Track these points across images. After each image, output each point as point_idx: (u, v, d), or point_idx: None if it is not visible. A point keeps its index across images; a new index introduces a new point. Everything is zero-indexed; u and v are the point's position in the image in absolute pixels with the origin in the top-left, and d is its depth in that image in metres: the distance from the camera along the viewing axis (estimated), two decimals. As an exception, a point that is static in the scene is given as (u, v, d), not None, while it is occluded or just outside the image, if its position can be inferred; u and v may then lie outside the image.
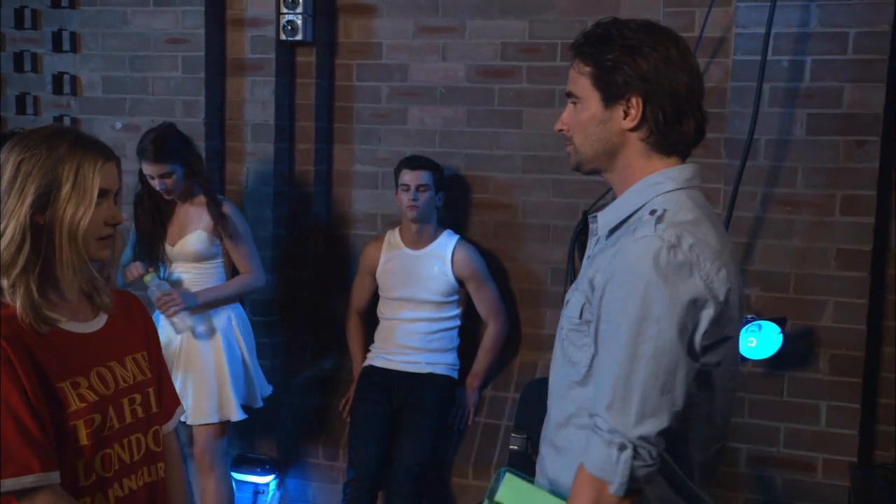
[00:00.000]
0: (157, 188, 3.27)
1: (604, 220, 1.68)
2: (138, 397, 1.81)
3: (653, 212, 1.57)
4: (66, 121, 3.98)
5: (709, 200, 1.67)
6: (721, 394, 1.62)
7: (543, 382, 1.84)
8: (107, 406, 1.73)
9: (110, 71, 3.91)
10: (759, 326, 3.09)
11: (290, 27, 3.78)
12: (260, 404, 3.50)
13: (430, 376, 3.61)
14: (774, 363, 3.20)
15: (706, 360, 1.55)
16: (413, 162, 3.63)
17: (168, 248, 3.38)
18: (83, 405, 1.68)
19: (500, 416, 3.72)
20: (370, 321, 3.83)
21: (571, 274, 3.56)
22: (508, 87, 3.78)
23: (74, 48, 3.93)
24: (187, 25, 3.78)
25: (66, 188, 1.67)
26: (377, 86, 3.94)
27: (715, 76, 3.37)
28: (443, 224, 3.76)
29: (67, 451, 1.66)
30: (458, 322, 3.73)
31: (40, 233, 1.66)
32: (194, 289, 3.34)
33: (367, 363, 3.73)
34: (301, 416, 3.90)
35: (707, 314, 1.51)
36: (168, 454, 1.90)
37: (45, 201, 1.66)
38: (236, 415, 3.35)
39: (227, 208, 3.38)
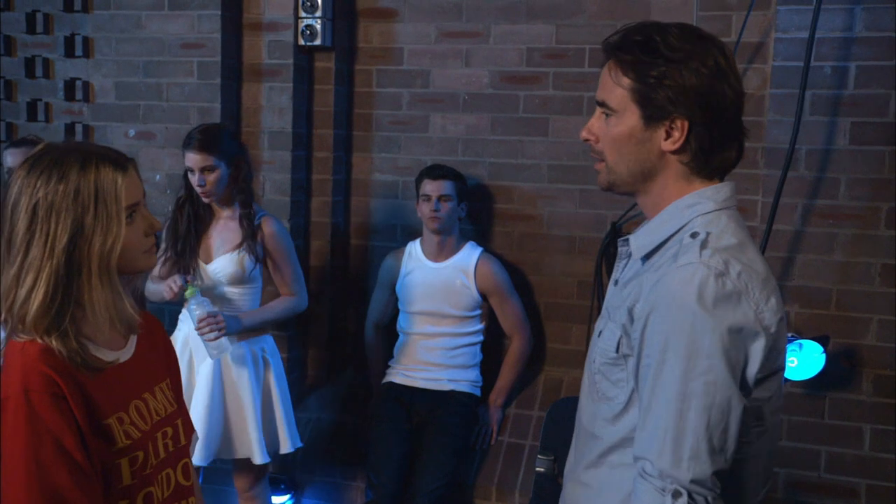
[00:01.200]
0: (196, 184, 2.98)
1: (637, 243, 1.54)
2: (170, 430, 1.68)
3: (694, 234, 1.44)
4: (79, 128, 3.87)
5: (746, 213, 1.55)
6: (772, 428, 1.49)
7: (570, 402, 1.73)
8: (147, 442, 1.61)
9: (123, 77, 3.80)
10: (800, 346, 2.94)
11: (308, 31, 3.66)
12: (285, 450, 3.19)
13: (451, 394, 3.47)
14: (815, 384, 3.06)
15: (758, 395, 1.41)
16: (435, 171, 3.49)
17: (201, 265, 3.07)
18: (128, 442, 1.56)
19: (525, 435, 3.58)
20: (389, 335, 3.70)
21: (599, 288, 3.43)
22: (534, 93, 3.65)
23: (87, 53, 3.83)
24: (203, 30, 3.67)
25: (88, 220, 1.52)
26: (398, 92, 3.82)
27: (753, 83, 3.23)
28: (465, 236, 3.63)
29: (111, 492, 1.53)
30: (481, 338, 3.59)
31: (71, 277, 1.52)
32: (227, 312, 3.02)
33: (386, 379, 3.59)
34: (318, 433, 3.77)
35: (758, 346, 1.38)
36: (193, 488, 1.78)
37: (73, 243, 1.51)
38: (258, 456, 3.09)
39: (272, 226, 3.12)
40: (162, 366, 1.75)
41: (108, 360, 1.57)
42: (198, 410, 3.00)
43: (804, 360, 2.95)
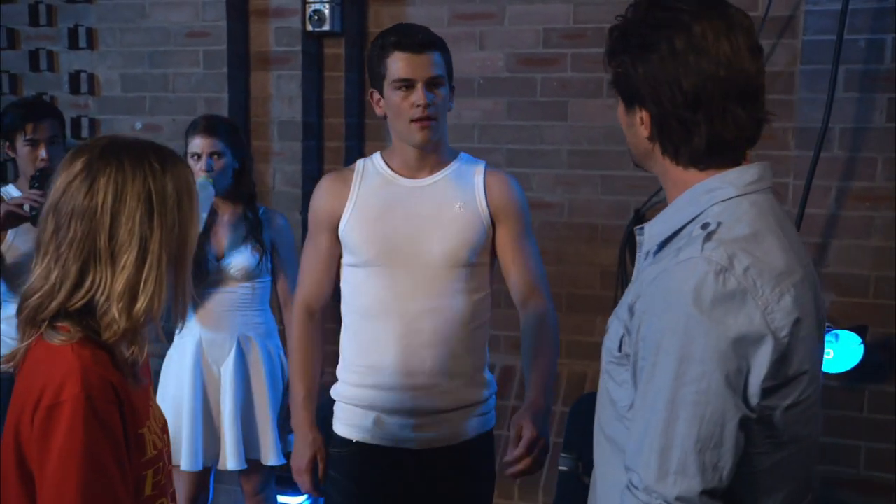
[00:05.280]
0: (202, 169, 2.84)
1: (651, 231, 1.41)
2: (166, 437, 1.60)
3: (705, 225, 1.30)
4: (84, 122, 3.77)
5: (776, 197, 1.39)
6: (797, 441, 1.33)
7: (594, 397, 1.59)
8: (164, 451, 1.54)
9: (129, 68, 3.70)
10: (837, 336, 2.79)
11: (316, 17, 3.53)
12: (266, 460, 3.01)
13: None
14: (853, 376, 2.90)
15: (769, 404, 1.26)
16: (410, 40, 2.18)
17: (212, 263, 2.93)
18: (154, 453, 1.49)
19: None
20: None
21: (623, 278, 3.29)
22: (552, 76, 3.49)
23: (91, 45, 3.73)
24: (208, 18, 3.56)
25: (185, 213, 1.44)
26: (411, 78, 3.69)
27: (782, 59, 3.06)
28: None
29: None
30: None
31: (172, 270, 1.45)
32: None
33: None
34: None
35: (764, 353, 1.23)
36: None
37: (181, 237, 1.45)
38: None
39: (279, 220, 3.04)
40: (149, 371, 1.66)
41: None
42: (228, 413, 2.91)
43: (841, 352, 2.79)
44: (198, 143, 2.88)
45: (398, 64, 2.15)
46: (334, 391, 2.35)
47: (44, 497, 1.32)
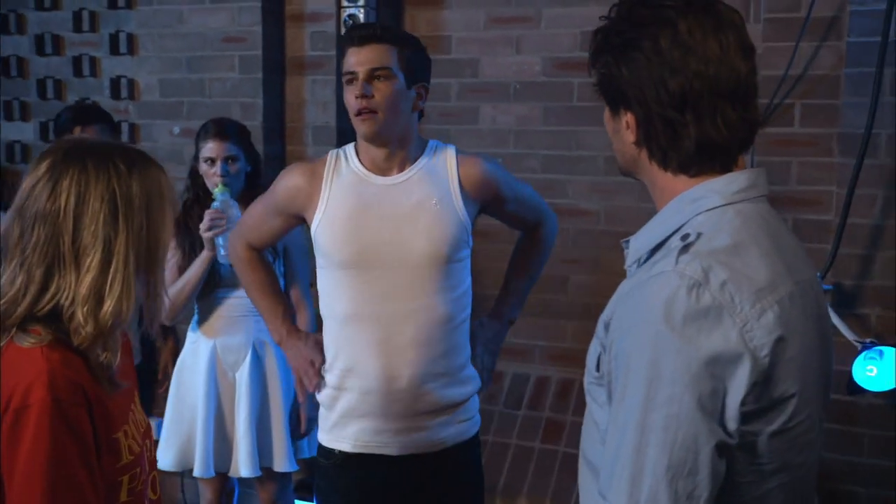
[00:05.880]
0: (217, 174, 2.83)
1: (635, 244, 1.34)
2: (149, 443, 1.58)
3: (685, 237, 1.22)
4: (125, 127, 3.82)
5: (820, 206, 1.30)
6: (787, 469, 1.22)
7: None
8: (142, 457, 1.52)
9: (167, 73, 3.73)
10: (881, 353, 2.65)
11: (350, 21, 3.51)
12: (279, 467, 2.98)
13: None
14: (898, 395, 2.76)
15: (751, 429, 1.17)
16: (359, 31, 2.21)
17: (225, 266, 2.89)
18: (131, 458, 1.46)
19: (558, 441, 3.35)
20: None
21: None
22: (589, 80, 3.37)
23: (132, 50, 3.78)
24: (243, 22, 3.57)
25: (155, 216, 1.43)
26: (446, 83, 3.63)
27: (826, 63, 2.92)
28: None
29: None
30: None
31: (142, 276, 1.43)
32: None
33: None
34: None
35: (742, 374, 1.13)
36: None
37: (151, 240, 1.43)
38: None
39: None
40: (133, 374, 1.64)
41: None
42: (243, 420, 2.88)
43: (884, 370, 2.65)
44: (211, 148, 2.87)
45: (347, 58, 2.14)
46: (319, 396, 2.29)
47: (11, 500, 1.30)
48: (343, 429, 2.20)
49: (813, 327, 1.24)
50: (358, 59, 2.11)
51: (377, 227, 2.13)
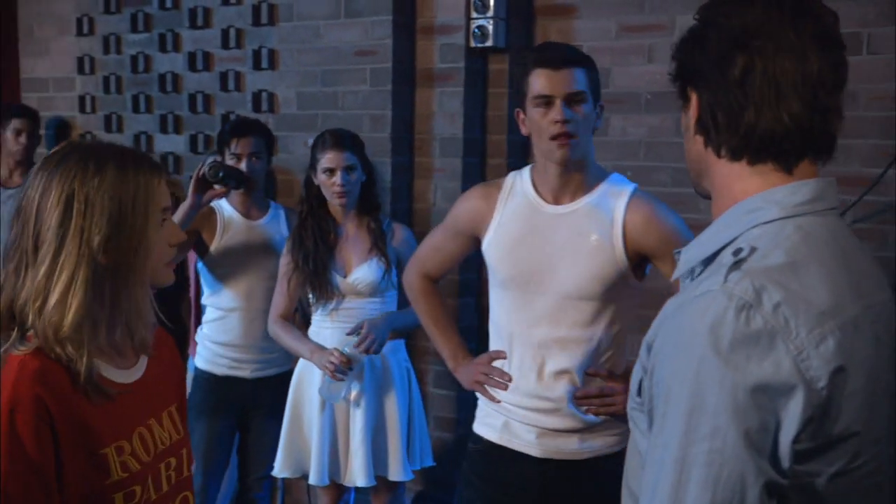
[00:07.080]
0: (338, 183, 2.88)
1: (686, 256, 1.22)
2: (173, 461, 1.55)
3: (737, 251, 1.10)
4: (265, 139, 3.97)
5: (889, 224, 1.15)
6: None
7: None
8: (147, 475, 1.48)
9: (304, 87, 3.85)
10: None
11: (479, 33, 3.50)
12: (394, 476, 2.99)
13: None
14: None
15: (808, 469, 1.03)
16: (550, 54, 2.23)
17: (339, 279, 2.94)
18: (125, 475, 1.44)
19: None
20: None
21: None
22: (725, 89, 3.24)
23: (273, 65, 3.92)
24: (375, 36, 3.62)
25: (126, 218, 1.41)
26: (576, 93, 3.56)
27: None
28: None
29: None
30: None
31: (104, 278, 1.42)
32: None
33: None
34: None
35: (795, 406, 1.01)
36: None
37: (110, 241, 1.40)
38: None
39: (403, 232, 3.09)
40: (172, 388, 1.63)
41: (118, 383, 1.46)
42: (359, 430, 2.90)
43: None
44: (329, 158, 2.91)
45: (538, 80, 2.15)
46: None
47: None
48: (494, 418, 2.30)
49: (886, 357, 1.09)
50: (555, 83, 2.13)
51: (536, 255, 2.20)
